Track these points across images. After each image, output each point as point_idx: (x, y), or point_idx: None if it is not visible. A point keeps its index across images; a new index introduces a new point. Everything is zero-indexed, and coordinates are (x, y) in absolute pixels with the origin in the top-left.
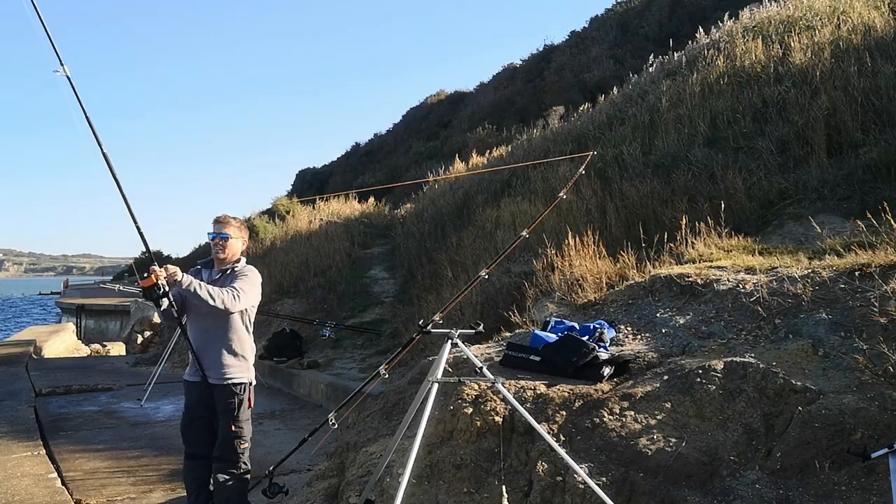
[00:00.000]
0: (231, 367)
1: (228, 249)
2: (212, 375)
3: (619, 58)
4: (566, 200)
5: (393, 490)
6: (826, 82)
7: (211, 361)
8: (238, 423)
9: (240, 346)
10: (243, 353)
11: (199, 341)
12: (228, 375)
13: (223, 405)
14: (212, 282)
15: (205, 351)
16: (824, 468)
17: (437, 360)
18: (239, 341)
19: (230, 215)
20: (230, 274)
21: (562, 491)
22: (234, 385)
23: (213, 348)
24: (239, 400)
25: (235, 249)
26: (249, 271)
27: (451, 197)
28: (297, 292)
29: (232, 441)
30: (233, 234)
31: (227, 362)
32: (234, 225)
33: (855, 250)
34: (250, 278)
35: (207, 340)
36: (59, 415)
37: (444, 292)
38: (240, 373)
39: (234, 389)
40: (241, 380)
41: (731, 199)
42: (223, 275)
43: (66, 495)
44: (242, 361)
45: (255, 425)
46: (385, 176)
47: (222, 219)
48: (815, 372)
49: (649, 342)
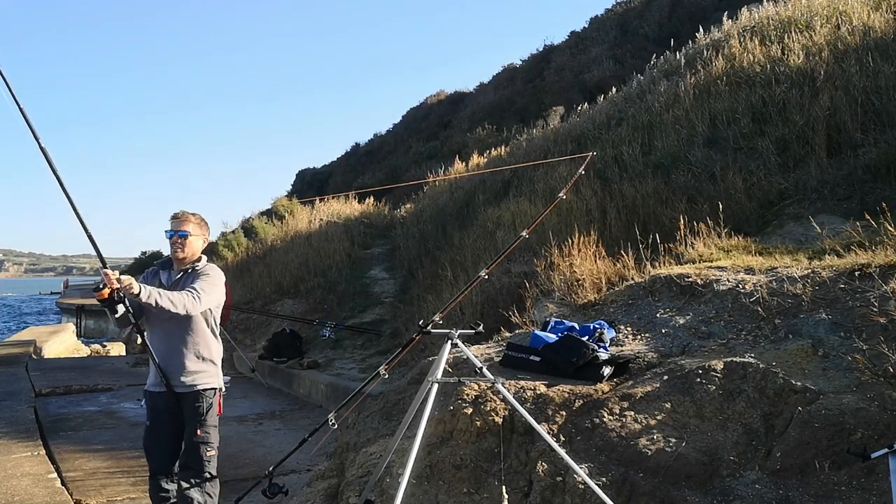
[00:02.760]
0: (199, 373)
1: (188, 248)
2: (177, 384)
3: (619, 58)
4: (566, 201)
5: (393, 490)
6: (826, 82)
7: (176, 369)
8: (205, 428)
9: (207, 350)
10: (211, 357)
11: (163, 348)
12: (196, 382)
13: (190, 411)
14: (172, 284)
15: (169, 358)
16: (824, 468)
17: (437, 361)
18: (206, 345)
19: (188, 211)
20: (191, 274)
21: (562, 491)
22: (202, 391)
23: (178, 355)
24: (208, 404)
25: (196, 248)
26: (211, 270)
27: (452, 197)
28: (297, 292)
29: (198, 448)
30: (192, 231)
31: (194, 368)
32: (194, 221)
33: (855, 250)
34: (212, 277)
35: (171, 347)
36: (59, 415)
37: (444, 292)
38: (208, 378)
39: (202, 395)
40: (210, 385)
41: (730, 200)
42: (184, 275)
43: (66, 495)
44: (210, 366)
45: (255, 425)
46: (385, 176)
47: (180, 215)
48: (815, 372)
49: (649, 342)
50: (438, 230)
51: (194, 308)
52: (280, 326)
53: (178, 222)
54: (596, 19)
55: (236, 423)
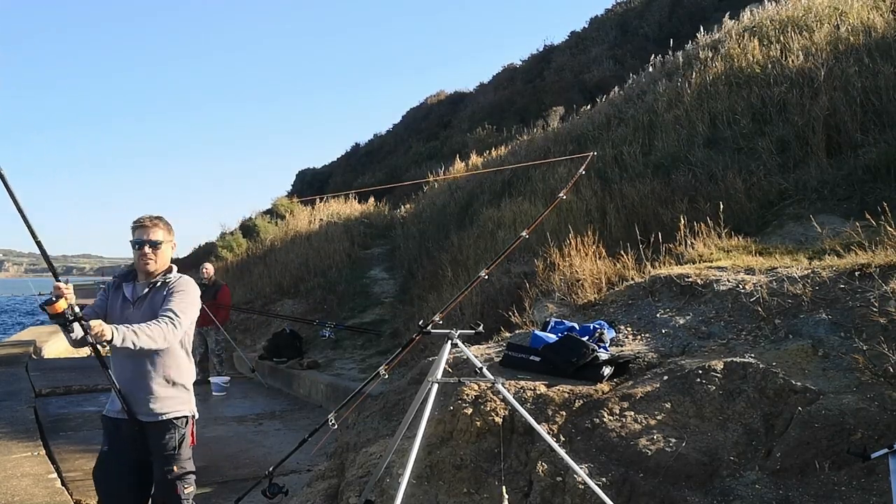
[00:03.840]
0: (168, 399)
1: (160, 258)
2: (143, 412)
3: (618, 58)
4: (566, 201)
5: (393, 490)
6: (826, 82)
7: (142, 396)
8: (180, 462)
9: (177, 373)
10: (182, 381)
11: (127, 373)
12: (165, 410)
13: (159, 446)
14: (137, 299)
15: (134, 384)
16: (824, 468)
17: (437, 361)
18: (176, 368)
19: (153, 215)
20: (160, 288)
21: (562, 491)
22: (173, 420)
23: (145, 379)
24: (180, 436)
25: (166, 257)
26: (185, 284)
27: (452, 197)
28: (297, 292)
29: (174, 486)
30: (163, 238)
31: (162, 395)
32: (163, 227)
33: (855, 250)
34: (186, 293)
35: (137, 370)
36: (59, 415)
37: (444, 292)
38: (179, 405)
39: (172, 425)
40: (181, 413)
41: (730, 200)
42: (152, 289)
43: (66, 495)
44: (182, 392)
45: (255, 425)
46: (385, 176)
47: (147, 221)
48: (815, 372)
49: (649, 342)
50: (438, 230)
51: (175, 337)
52: (280, 326)
53: (146, 230)
54: (596, 19)
55: (236, 423)
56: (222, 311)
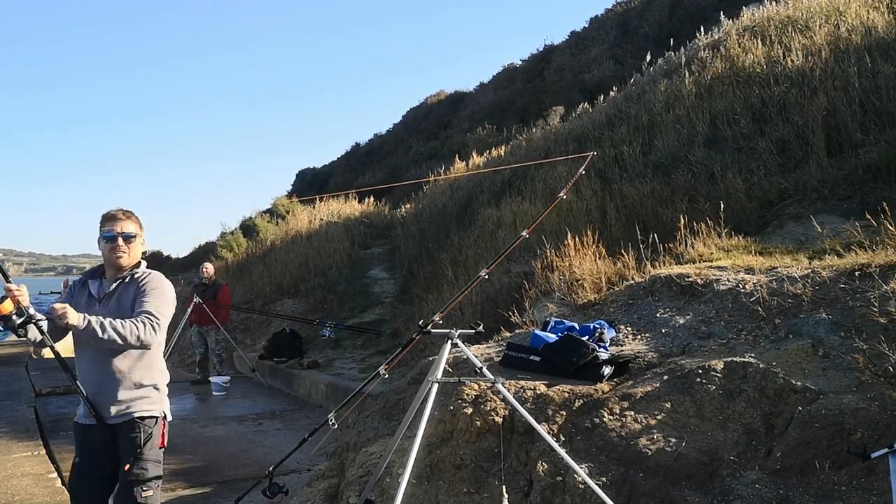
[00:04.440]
0: (137, 400)
1: (133, 252)
2: (109, 414)
3: (619, 58)
4: (566, 200)
5: (393, 490)
6: (826, 82)
7: (110, 397)
8: (141, 463)
9: (148, 374)
10: (153, 381)
11: (94, 374)
12: (133, 409)
13: (124, 446)
14: (104, 296)
15: (101, 386)
16: (824, 468)
17: (437, 360)
18: (146, 369)
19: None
20: (130, 283)
21: (562, 491)
22: (140, 419)
23: (113, 381)
24: (146, 435)
25: (138, 252)
26: (157, 281)
27: (452, 197)
28: (297, 292)
29: (130, 488)
30: (136, 231)
31: (130, 396)
32: (135, 221)
33: (855, 250)
34: (160, 290)
35: (103, 372)
36: (59, 415)
37: (444, 292)
38: (148, 405)
39: (138, 424)
40: (149, 412)
41: (730, 200)
42: (120, 284)
43: (66, 495)
44: (152, 392)
45: (255, 425)
46: (385, 176)
47: (121, 214)
48: (815, 372)
49: (649, 342)
50: (438, 230)
51: (151, 339)
52: (280, 326)
53: (118, 222)
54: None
55: (236, 423)
56: (222, 310)
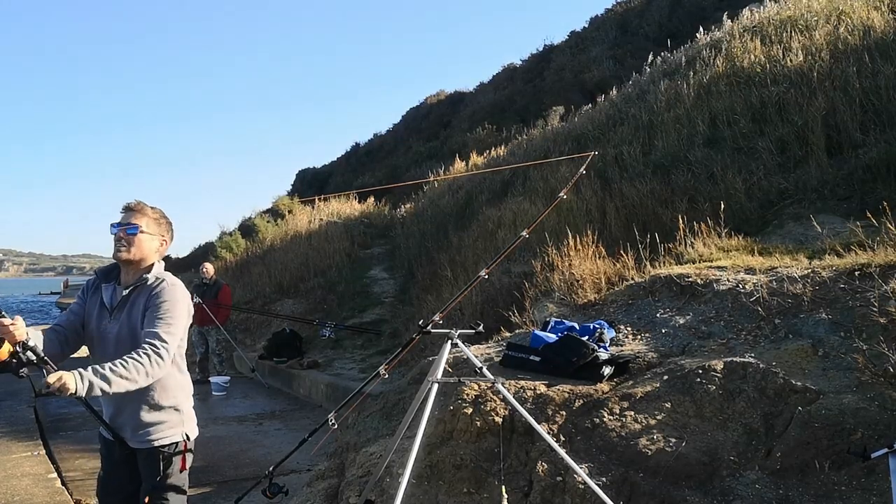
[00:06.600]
0: (157, 425)
1: (135, 248)
2: (131, 438)
3: (619, 58)
4: (566, 200)
5: (393, 490)
6: (825, 82)
7: (129, 420)
8: (161, 493)
9: (165, 394)
10: (171, 402)
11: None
12: (153, 437)
13: (146, 470)
14: (115, 305)
15: (120, 407)
16: (824, 468)
17: (437, 361)
18: (163, 390)
19: (147, 203)
20: (142, 293)
21: (562, 491)
22: (160, 448)
23: (131, 404)
24: (166, 464)
25: (146, 250)
26: (170, 292)
27: (452, 197)
28: (297, 292)
29: None
30: (145, 226)
31: (150, 419)
32: (151, 216)
33: (855, 250)
34: (175, 304)
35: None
36: (59, 415)
37: (444, 292)
38: (169, 430)
39: (160, 453)
40: (170, 439)
41: (730, 200)
42: (133, 292)
43: (66, 495)
44: (172, 415)
45: (255, 425)
46: (385, 176)
47: (134, 205)
48: (815, 372)
49: (649, 342)
50: (438, 230)
51: (159, 370)
52: (280, 326)
53: (125, 214)
54: (596, 19)
55: (236, 423)
56: (223, 310)
